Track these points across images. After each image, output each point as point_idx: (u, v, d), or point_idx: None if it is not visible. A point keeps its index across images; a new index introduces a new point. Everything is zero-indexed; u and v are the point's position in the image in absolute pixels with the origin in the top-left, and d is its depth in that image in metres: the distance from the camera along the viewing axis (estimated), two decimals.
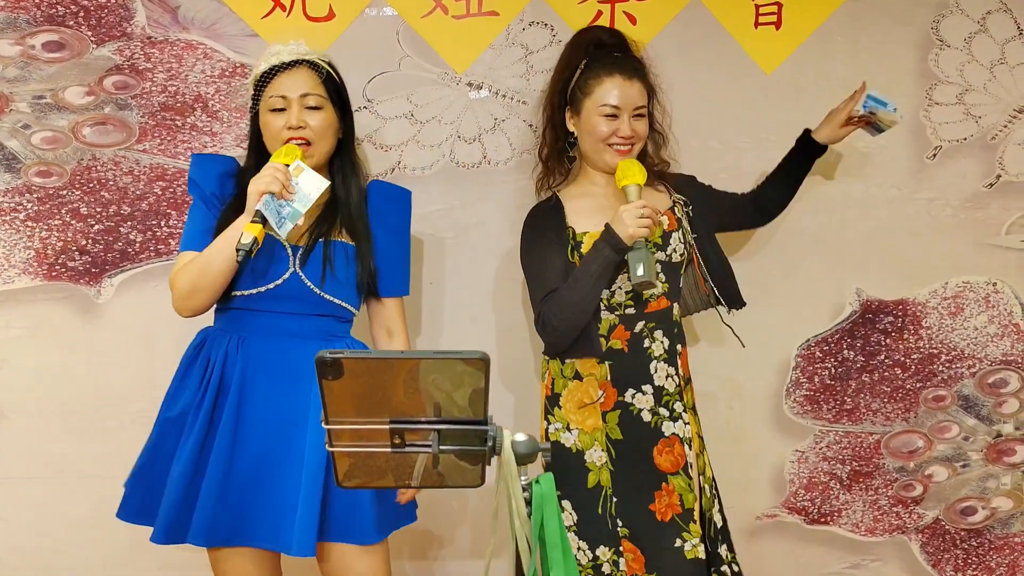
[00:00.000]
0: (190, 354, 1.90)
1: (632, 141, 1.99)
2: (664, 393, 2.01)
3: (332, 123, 1.88)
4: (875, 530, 2.55)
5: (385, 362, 1.01)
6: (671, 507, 1.97)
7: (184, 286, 1.79)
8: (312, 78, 1.87)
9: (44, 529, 2.39)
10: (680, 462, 1.99)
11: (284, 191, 1.71)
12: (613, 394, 2.01)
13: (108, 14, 2.23)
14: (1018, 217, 2.41)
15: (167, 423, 1.87)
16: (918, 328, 2.45)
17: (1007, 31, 2.34)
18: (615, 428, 2.00)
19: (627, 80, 1.97)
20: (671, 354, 2.03)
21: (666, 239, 2.02)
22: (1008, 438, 2.51)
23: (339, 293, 1.86)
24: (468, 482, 1.07)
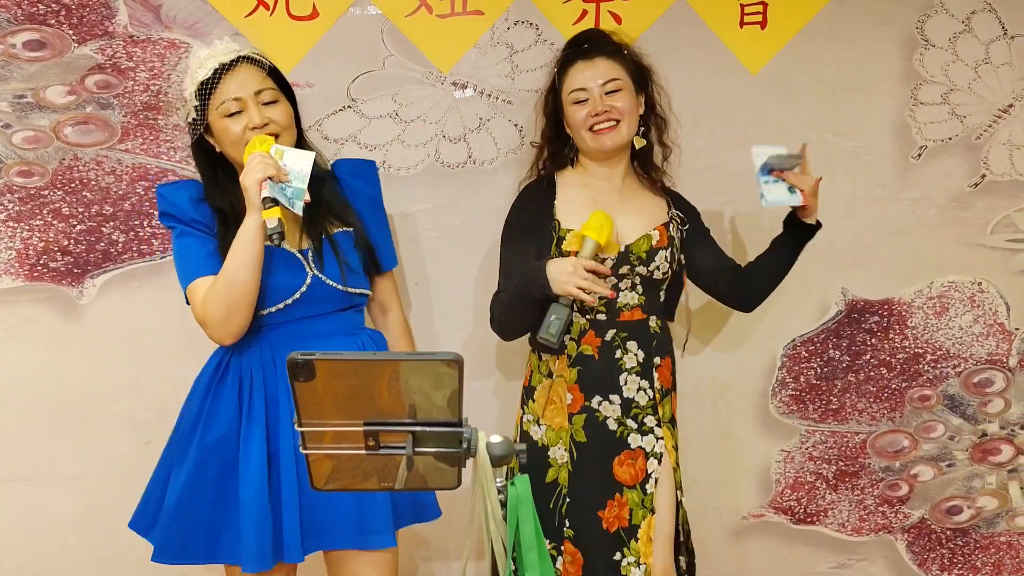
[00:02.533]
0: (210, 377, 1.83)
1: (611, 116, 1.93)
2: (634, 405, 1.98)
3: (291, 114, 1.82)
4: (861, 530, 2.55)
5: (358, 363, 1.00)
6: (619, 519, 1.95)
7: (218, 311, 1.70)
8: (258, 74, 1.79)
9: (26, 530, 2.37)
10: (639, 476, 1.95)
11: (280, 174, 1.68)
12: (580, 399, 1.99)
13: (90, 13, 2.21)
14: (1003, 217, 2.42)
15: (206, 450, 1.78)
16: (903, 328, 2.45)
17: (992, 31, 2.34)
18: (580, 431, 1.99)
19: (587, 61, 1.96)
20: (645, 367, 1.99)
21: (651, 255, 1.97)
22: (993, 437, 2.51)
23: (358, 282, 1.84)
24: (445, 484, 1.07)
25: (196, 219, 1.80)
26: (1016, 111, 2.37)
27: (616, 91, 1.95)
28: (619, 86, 1.95)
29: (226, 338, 1.74)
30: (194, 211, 1.81)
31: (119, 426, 2.35)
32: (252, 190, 1.67)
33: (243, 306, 1.70)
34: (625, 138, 1.97)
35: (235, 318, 1.71)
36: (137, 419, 2.35)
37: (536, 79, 2.31)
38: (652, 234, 1.98)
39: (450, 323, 2.39)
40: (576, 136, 2.00)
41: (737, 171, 2.33)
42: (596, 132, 1.95)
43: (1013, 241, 2.43)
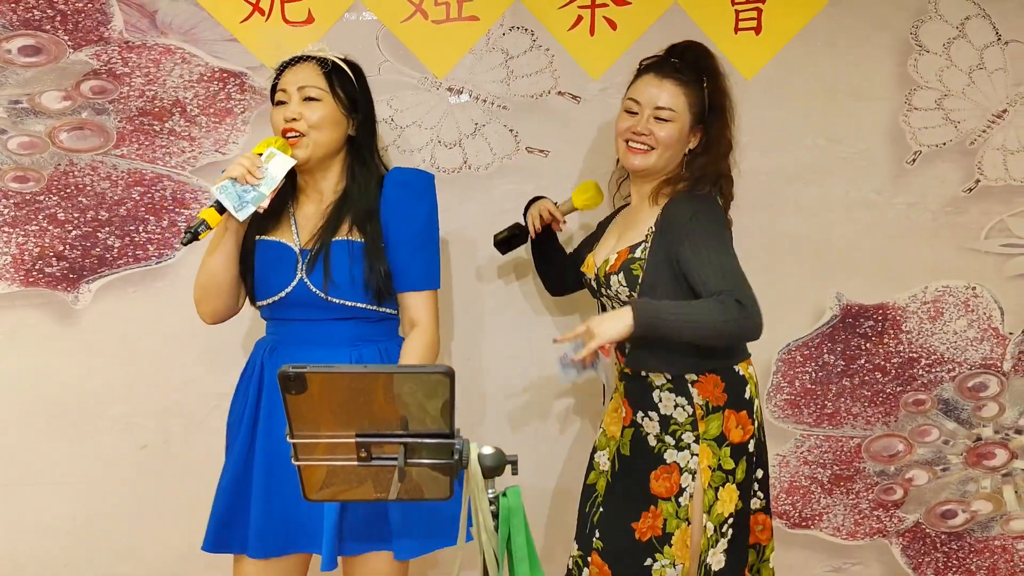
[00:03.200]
0: (248, 362, 1.92)
1: (647, 142, 1.88)
2: (671, 422, 1.91)
3: (331, 116, 1.82)
4: (856, 533, 2.56)
5: (350, 376, 1.00)
6: (652, 529, 1.92)
7: (196, 291, 1.84)
8: (314, 72, 1.83)
9: (23, 534, 2.37)
10: (674, 489, 1.90)
11: (248, 176, 1.70)
12: (630, 413, 1.97)
13: (85, 18, 2.21)
14: (997, 222, 2.42)
15: (228, 435, 1.90)
16: (898, 332, 2.46)
17: (985, 37, 2.35)
18: (627, 444, 1.96)
19: (658, 78, 1.90)
20: (677, 383, 1.90)
21: (607, 279, 1.93)
22: (988, 441, 2.52)
23: (347, 295, 1.80)
24: (437, 494, 1.07)
25: None
26: (1010, 116, 2.38)
27: (665, 120, 1.88)
28: (671, 117, 1.88)
29: (204, 317, 1.87)
30: None
31: (115, 430, 2.35)
32: (212, 189, 1.73)
33: (213, 292, 1.82)
34: (653, 166, 1.91)
35: (206, 301, 1.84)
36: (133, 423, 2.35)
37: (531, 84, 2.32)
38: (610, 258, 1.93)
39: (445, 328, 2.39)
40: (615, 141, 1.97)
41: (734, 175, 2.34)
42: (629, 148, 1.92)
43: (1007, 246, 2.43)
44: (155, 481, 2.36)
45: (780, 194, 2.39)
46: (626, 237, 1.96)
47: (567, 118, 2.33)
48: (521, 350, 2.41)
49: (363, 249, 1.81)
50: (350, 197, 1.85)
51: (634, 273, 1.88)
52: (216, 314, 1.86)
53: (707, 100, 1.92)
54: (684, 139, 1.93)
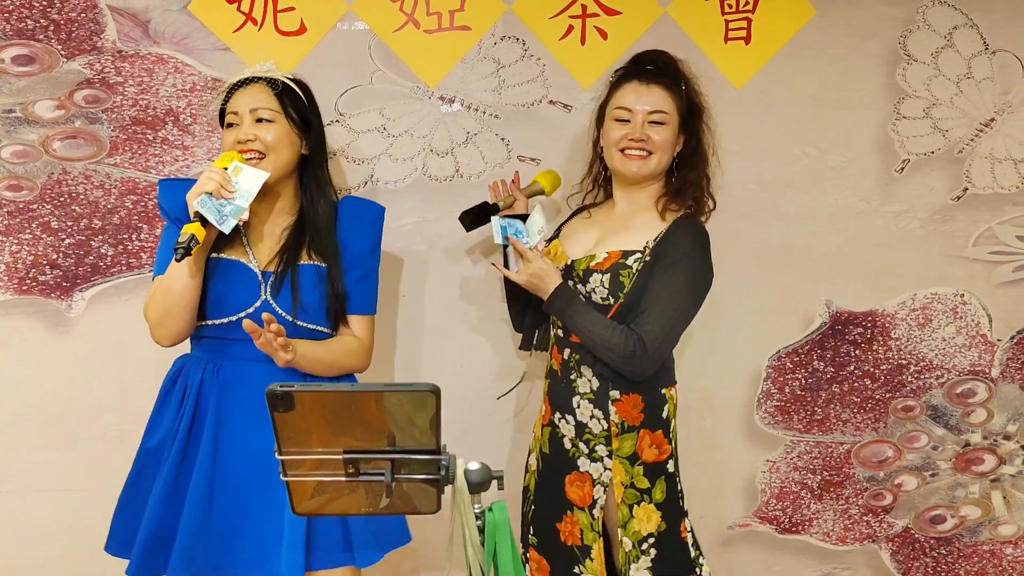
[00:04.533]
0: (167, 383, 1.89)
1: (645, 147, 1.92)
2: (586, 431, 1.95)
3: (285, 137, 1.85)
4: (846, 539, 2.57)
5: (337, 394, 1.02)
6: (572, 536, 1.96)
7: (154, 313, 1.79)
8: (265, 93, 1.85)
9: (14, 542, 2.38)
10: (587, 500, 1.94)
11: (222, 190, 1.70)
12: (549, 411, 2.02)
13: (78, 28, 2.22)
14: (985, 229, 2.44)
15: (146, 454, 1.86)
16: (887, 339, 2.48)
17: (973, 46, 2.37)
18: (546, 442, 2.03)
19: (644, 84, 1.93)
20: (599, 396, 1.93)
21: (587, 275, 1.92)
22: (976, 447, 2.54)
23: (311, 318, 1.84)
24: (426, 508, 1.08)
25: (180, 219, 1.84)
26: (997, 125, 2.40)
27: (659, 124, 1.92)
28: (664, 119, 1.92)
29: (162, 339, 1.81)
30: (182, 211, 1.84)
31: (107, 438, 2.36)
32: (189, 203, 1.72)
33: (176, 313, 1.76)
34: (652, 171, 1.94)
35: (168, 323, 1.78)
36: (126, 431, 2.36)
37: (523, 93, 2.33)
38: (597, 255, 1.93)
39: (437, 335, 2.41)
40: (607, 152, 1.99)
41: (721, 184, 2.35)
42: (626, 156, 1.94)
43: (995, 253, 2.45)
44: None
45: (769, 202, 2.40)
46: (617, 240, 1.95)
47: (558, 127, 2.34)
48: (509, 362, 2.43)
49: (327, 274, 1.85)
50: (308, 220, 1.87)
51: (621, 280, 1.89)
52: (178, 335, 1.81)
53: (687, 103, 1.97)
54: (675, 142, 1.97)
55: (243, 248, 1.85)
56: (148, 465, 1.85)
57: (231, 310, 1.80)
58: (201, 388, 1.82)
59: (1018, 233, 2.45)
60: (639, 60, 1.99)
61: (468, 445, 2.45)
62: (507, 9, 2.30)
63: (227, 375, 1.82)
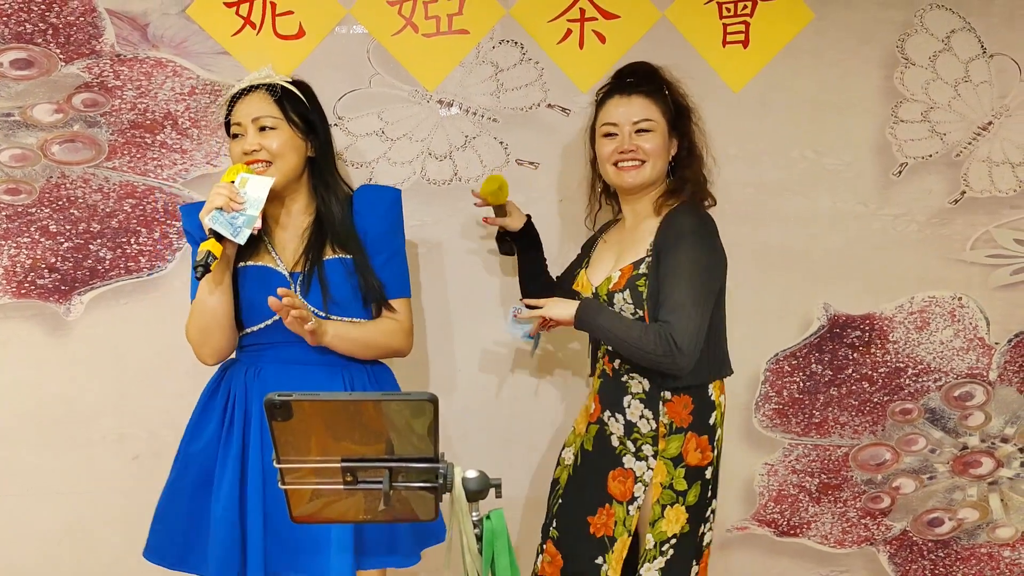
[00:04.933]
0: (210, 387, 1.91)
1: (637, 156, 1.94)
2: (634, 430, 1.97)
3: (290, 142, 1.86)
4: (844, 542, 2.58)
5: (335, 403, 1.02)
6: (606, 527, 1.98)
7: (194, 335, 1.82)
8: (265, 101, 1.86)
9: (13, 546, 2.38)
10: (628, 495, 1.96)
11: (231, 203, 1.72)
12: (599, 409, 2.03)
13: (77, 32, 2.22)
14: (982, 233, 2.44)
15: (189, 457, 1.87)
16: (885, 342, 2.48)
17: (971, 50, 2.37)
18: (591, 440, 2.03)
19: (624, 97, 1.96)
20: (650, 397, 1.95)
21: (611, 298, 1.95)
22: (974, 450, 2.54)
23: (346, 311, 1.85)
24: (423, 516, 1.09)
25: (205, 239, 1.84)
26: (995, 129, 2.40)
27: (647, 131, 1.95)
28: (651, 127, 1.95)
29: (207, 359, 1.85)
30: (202, 232, 1.85)
31: (106, 442, 2.36)
32: (203, 221, 1.74)
33: (214, 330, 1.80)
34: (648, 178, 1.95)
35: (210, 341, 1.81)
36: (125, 434, 2.36)
37: (521, 97, 2.33)
38: (613, 276, 1.96)
39: (438, 338, 2.41)
40: (602, 169, 2.02)
41: (719, 188, 2.35)
42: (619, 168, 1.96)
43: (993, 257, 2.45)
44: (147, 492, 2.34)
45: (767, 206, 2.41)
46: (628, 254, 1.98)
47: (557, 130, 2.35)
48: (507, 365, 2.43)
49: (354, 264, 1.86)
50: (325, 217, 1.89)
51: (639, 290, 1.91)
52: (221, 351, 1.84)
53: (673, 106, 1.99)
54: (667, 147, 1.99)
55: (269, 254, 1.87)
56: (190, 468, 1.86)
57: (265, 315, 1.82)
58: (247, 393, 1.84)
59: (1016, 236, 2.45)
60: (619, 75, 2.02)
61: (468, 443, 2.45)
62: (505, 13, 2.30)
63: (268, 378, 1.84)
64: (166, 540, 1.86)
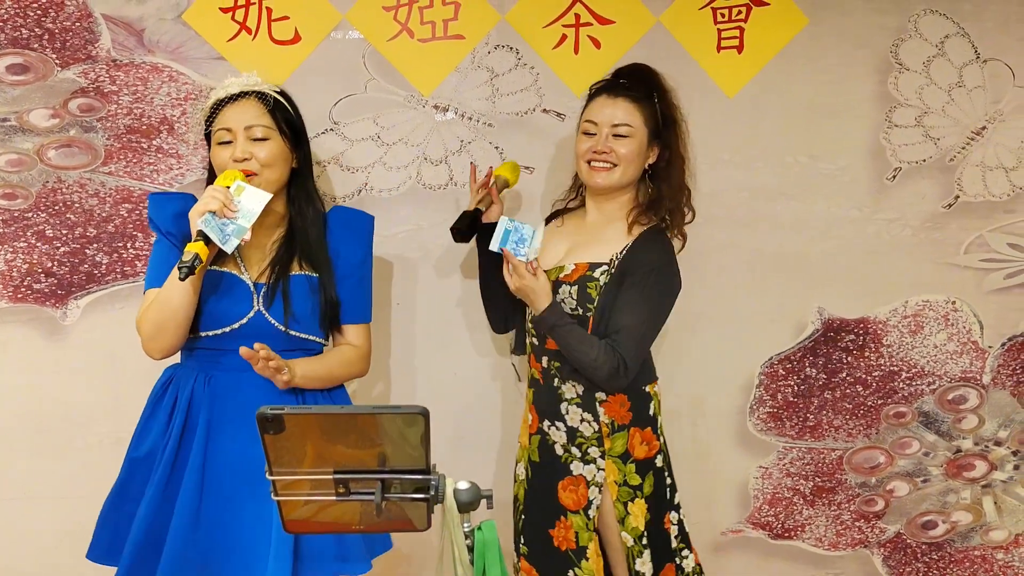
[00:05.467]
0: (156, 392, 1.90)
1: (608, 159, 1.94)
2: (578, 435, 1.99)
3: (280, 153, 1.86)
4: (838, 544, 2.59)
5: (326, 417, 1.03)
6: (567, 540, 1.99)
7: (148, 327, 1.78)
8: (258, 109, 1.85)
9: (9, 550, 2.38)
10: (582, 502, 1.97)
11: (225, 209, 1.70)
12: (536, 419, 2.05)
13: (73, 37, 2.23)
14: (976, 237, 2.45)
15: (135, 463, 1.86)
16: (879, 346, 2.49)
17: (964, 55, 2.38)
18: (535, 451, 2.05)
19: (610, 98, 1.96)
20: (586, 399, 1.97)
21: (556, 286, 1.96)
22: (967, 453, 2.55)
23: (304, 328, 1.86)
24: (415, 525, 1.09)
25: (172, 232, 1.86)
26: (989, 133, 2.41)
27: (623, 136, 1.94)
28: (629, 132, 1.94)
29: (154, 353, 1.82)
30: (172, 224, 1.86)
31: (102, 446, 2.36)
32: (192, 220, 1.72)
33: (171, 328, 1.77)
34: (617, 182, 1.96)
35: (162, 337, 1.78)
36: (120, 438, 2.34)
37: (517, 102, 2.34)
38: (566, 266, 1.97)
39: (431, 343, 2.42)
40: (576, 164, 2.03)
41: (714, 192, 2.37)
42: (591, 168, 1.97)
43: (986, 261, 2.47)
44: None
45: (762, 210, 2.41)
46: (587, 251, 1.99)
47: (552, 135, 2.35)
48: (503, 369, 2.44)
49: (319, 283, 1.87)
50: (297, 231, 1.89)
51: (589, 292, 1.93)
52: (171, 348, 1.81)
53: (660, 115, 1.98)
54: (643, 155, 1.99)
55: (234, 260, 1.86)
56: (136, 474, 1.86)
57: (224, 322, 1.81)
58: (192, 398, 1.83)
59: (1009, 240, 2.46)
60: (616, 74, 2.02)
61: (461, 450, 2.46)
62: (501, 18, 2.31)
63: (219, 385, 1.83)
64: (110, 539, 1.85)
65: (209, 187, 1.75)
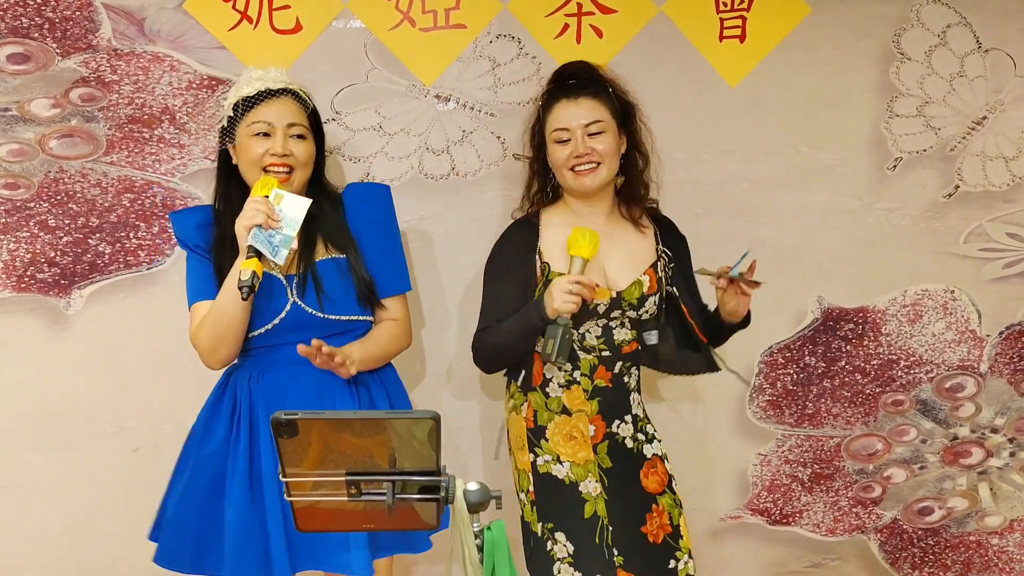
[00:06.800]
0: (215, 394, 1.94)
1: (592, 159, 1.94)
2: (638, 419, 2.04)
3: (312, 155, 1.91)
4: (835, 530, 2.62)
5: (340, 421, 1.04)
6: (662, 528, 2.00)
7: (206, 342, 1.82)
8: (298, 109, 1.90)
9: (12, 542, 2.40)
10: (664, 480, 2.03)
11: (269, 220, 1.73)
12: (602, 427, 2.01)
13: (73, 26, 2.22)
14: (975, 227, 2.47)
15: (201, 461, 1.88)
16: (878, 335, 2.51)
17: (966, 45, 2.38)
18: (605, 458, 2.00)
19: (572, 100, 1.96)
20: (639, 383, 2.08)
21: (642, 301, 1.99)
22: (964, 440, 2.58)
23: (343, 310, 1.87)
24: (426, 525, 1.12)
25: (199, 244, 1.91)
26: (989, 123, 2.42)
27: (598, 133, 1.95)
28: (602, 128, 1.95)
29: (214, 364, 1.86)
30: (197, 237, 1.91)
31: (106, 435, 2.38)
32: (241, 236, 1.74)
33: (229, 339, 1.81)
34: (605, 179, 1.97)
35: (221, 349, 1.83)
36: (124, 428, 2.38)
37: (518, 92, 2.34)
38: (642, 280, 1.99)
39: (435, 334, 2.43)
40: (557, 174, 2.01)
41: (715, 183, 2.38)
42: (577, 173, 1.96)
43: (985, 250, 2.48)
44: (147, 485, 2.36)
45: (762, 200, 2.42)
46: (637, 259, 2.02)
47: None
48: None
49: (347, 264, 1.89)
50: (316, 219, 1.90)
51: (666, 289, 2.03)
52: (230, 358, 1.87)
53: (619, 104, 2.00)
54: (619, 146, 2.01)
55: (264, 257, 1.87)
56: (203, 474, 1.87)
57: (265, 319, 1.84)
58: (251, 397, 1.87)
59: (1008, 230, 2.47)
60: (560, 76, 2.03)
61: (466, 442, 2.48)
62: (502, 7, 2.30)
63: (271, 381, 1.87)
64: (179, 544, 1.86)
65: (249, 200, 1.76)
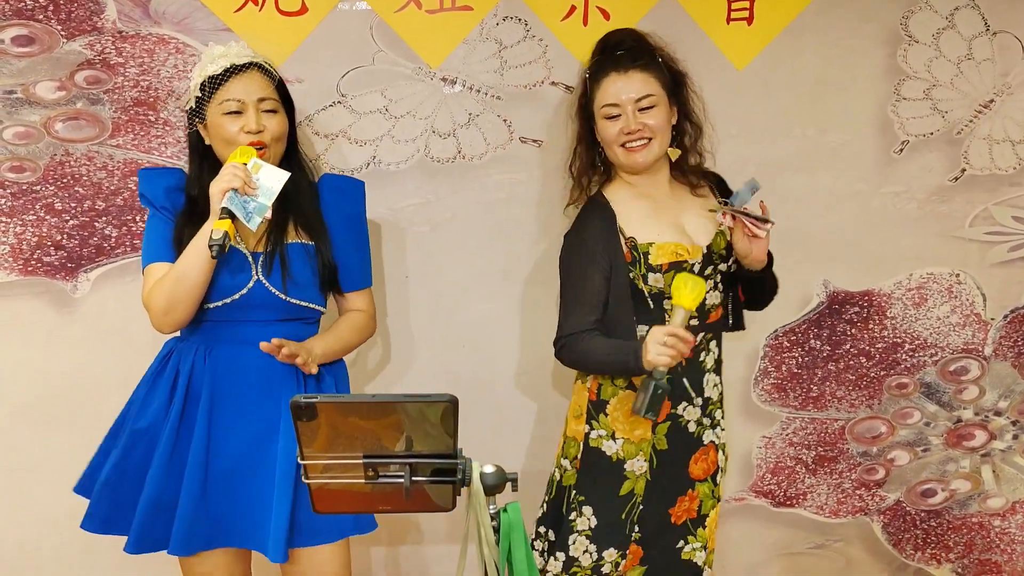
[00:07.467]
0: (156, 366, 1.93)
1: (643, 135, 1.91)
2: (710, 403, 2.02)
3: (285, 128, 1.90)
4: (839, 512, 2.64)
5: (358, 405, 1.05)
6: (688, 512, 2.01)
7: (161, 302, 1.80)
8: (266, 82, 1.88)
9: (19, 524, 2.42)
10: (711, 469, 2.02)
11: (246, 187, 1.73)
12: (667, 407, 1.96)
13: (78, 8, 2.21)
14: (981, 210, 2.47)
15: (136, 435, 1.89)
16: (883, 318, 2.51)
17: (974, 27, 2.37)
18: (662, 439, 1.99)
19: (622, 74, 1.93)
20: (718, 363, 2.03)
21: (729, 252, 1.97)
22: (968, 423, 2.59)
23: (304, 295, 1.88)
24: (441, 506, 1.13)
25: (166, 206, 1.90)
26: (996, 106, 2.41)
27: (650, 107, 1.92)
28: (653, 102, 1.92)
29: (165, 327, 1.84)
30: (166, 198, 1.90)
31: (113, 417, 2.36)
32: (215, 198, 1.73)
33: (186, 302, 1.79)
34: (657, 154, 1.95)
35: (176, 312, 1.80)
36: None
37: (525, 74, 2.33)
38: (724, 230, 1.95)
39: (439, 318, 2.43)
40: (608, 150, 1.99)
41: (723, 165, 2.36)
42: (628, 149, 1.94)
43: (991, 234, 2.48)
44: None
45: (768, 183, 2.37)
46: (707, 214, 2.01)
47: (560, 108, 2.34)
48: (511, 342, 2.46)
49: (315, 250, 1.90)
50: (291, 200, 1.90)
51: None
52: (183, 323, 1.84)
53: (669, 73, 1.98)
54: (670, 119, 1.99)
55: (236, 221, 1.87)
56: (137, 446, 1.88)
57: (225, 293, 1.84)
58: (193, 371, 1.86)
59: (1014, 214, 2.47)
60: (607, 46, 2.00)
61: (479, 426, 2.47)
62: None
63: (220, 358, 1.86)
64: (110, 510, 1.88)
65: (227, 164, 1.76)
